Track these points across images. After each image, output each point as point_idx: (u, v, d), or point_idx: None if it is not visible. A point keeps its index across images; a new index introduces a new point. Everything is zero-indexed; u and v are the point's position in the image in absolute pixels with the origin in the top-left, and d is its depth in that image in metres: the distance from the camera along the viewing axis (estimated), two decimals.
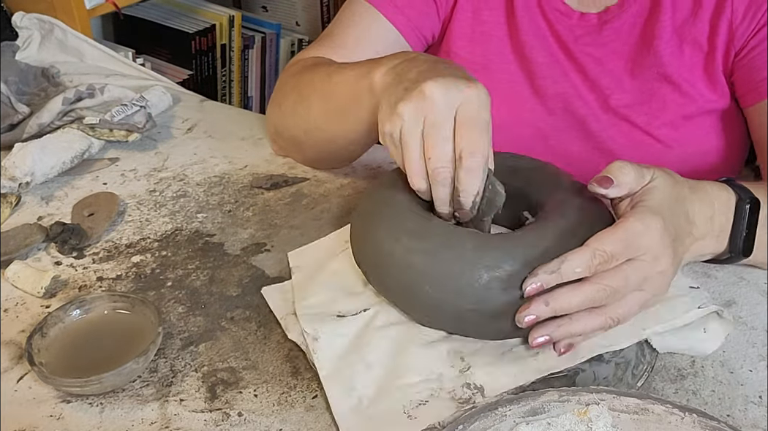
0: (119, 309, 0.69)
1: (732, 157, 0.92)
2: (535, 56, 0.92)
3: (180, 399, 0.64)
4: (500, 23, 0.93)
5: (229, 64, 2.00)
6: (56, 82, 1.10)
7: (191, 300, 0.75)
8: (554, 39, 0.91)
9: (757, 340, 0.69)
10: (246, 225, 0.85)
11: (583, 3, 0.89)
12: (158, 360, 0.67)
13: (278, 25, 2.08)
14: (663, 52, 0.86)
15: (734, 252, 0.71)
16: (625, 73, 0.89)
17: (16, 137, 0.95)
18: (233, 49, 1.99)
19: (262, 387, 0.65)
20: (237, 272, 0.78)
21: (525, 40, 0.92)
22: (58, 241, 0.80)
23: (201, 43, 1.91)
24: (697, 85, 0.87)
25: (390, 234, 0.64)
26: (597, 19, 0.89)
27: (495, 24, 0.93)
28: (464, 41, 0.95)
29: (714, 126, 0.89)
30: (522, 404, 0.57)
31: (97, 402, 0.64)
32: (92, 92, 1.01)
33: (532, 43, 0.91)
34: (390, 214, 0.66)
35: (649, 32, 0.87)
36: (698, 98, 0.87)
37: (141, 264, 0.79)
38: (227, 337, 0.70)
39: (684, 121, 0.88)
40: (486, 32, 0.93)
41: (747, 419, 0.62)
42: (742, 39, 0.83)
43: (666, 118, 0.88)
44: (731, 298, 0.74)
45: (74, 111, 0.99)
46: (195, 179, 0.94)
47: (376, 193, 0.71)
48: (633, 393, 0.58)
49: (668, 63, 0.86)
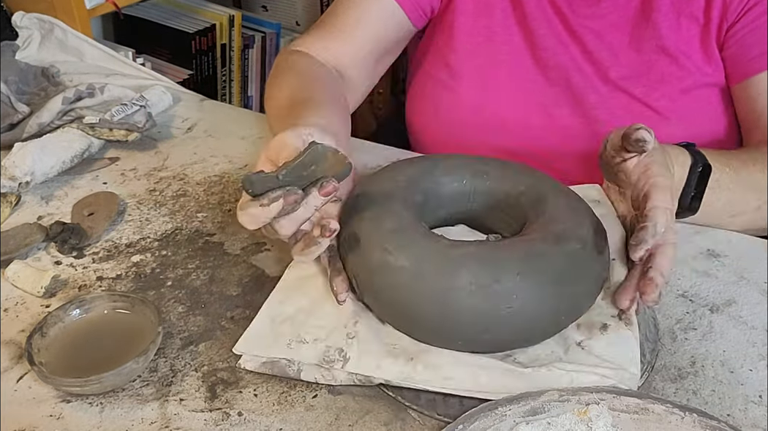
0: (119, 308, 0.69)
1: (731, 131, 0.93)
2: (536, 27, 0.93)
3: (180, 399, 0.64)
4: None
5: (229, 64, 2.00)
6: (56, 82, 1.10)
7: (191, 299, 0.75)
8: (554, 11, 0.93)
9: (757, 340, 0.69)
10: None
11: None
12: (158, 360, 0.67)
13: (278, 24, 2.08)
14: (661, 24, 0.88)
15: (682, 208, 0.76)
16: (623, 46, 0.91)
17: (16, 137, 0.95)
18: (233, 48, 1.99)
19: (262, 387, 0.65)
20: (237, 271, 0.78)
21: (527, 11, 0.93)
22: (57, 241, 0.80)
23: (201, 43, 1.91)
24: (693, 58, 0.88)
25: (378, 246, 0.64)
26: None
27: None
28: (467, 16, 0.97)
29: (712, 100, 0.91)
30: (522, 404, 0.57)
31: (97, 402, 0.64)
32: (92, 92, 1.01)
33: (534, 14, 0.93)
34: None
35: (647, 5, 0.89)
36: (695, 71, 0.89)
37: (141, 263, 0.79)
38: (227, 337, 0.70)
39: (682, 93, 0.89)
40: (489, 4, 0.95)
41: (747, 419, 0.62)
42: (735, 13, 0.86)
43: (664, 90, 0.89)
44: (731, 298, 0.74)
45: (74, 110, 0.99)
46: (195, 178, 0.94)
47: None
48: (633, 393, 0.58)
49: (666, 36, 0.88)
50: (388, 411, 0.63)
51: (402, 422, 0.62)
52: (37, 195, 0.90)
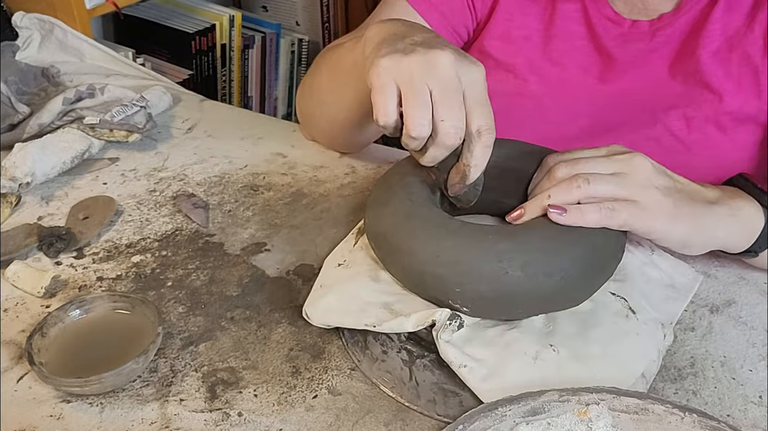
0: (119, 309, 0.69)
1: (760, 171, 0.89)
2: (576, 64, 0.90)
3: (180, 399, 0.64)
4: (539, 31, 0.91)
5: (229, 64, 2.00)
6: (56, 82, 1.10)
7: (191, 300, 0.75)
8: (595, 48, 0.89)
9: (757, 340, 0.69)
10: (246, 225, 0.85)
11: (635, 10, 0.87)
12: (158, 360, 0.67)
13: (278, 25, 2.08)
14: (707, 61, 0.84)
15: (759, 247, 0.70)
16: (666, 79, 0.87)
17: (16, 137, 0.95)
18: (233, 48, 1.99)
19: (262, 387, 0.65)
20: (237, 272, 0.78)
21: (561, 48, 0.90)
22: (44, 244, 0.80)
23: (201, 43, 1.91)
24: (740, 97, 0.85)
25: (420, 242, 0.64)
26: (649, 26, 0.86)
27: (533, 31, 0.91)
28: (500, 42, 0.93)
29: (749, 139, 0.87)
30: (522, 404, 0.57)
31: (97, 402, 0.64)
32: (92, 92, 1.01)
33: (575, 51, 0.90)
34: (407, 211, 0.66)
35: (693, 40, 0.85)
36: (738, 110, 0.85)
37: (141, 264, 0.80)
38: (227, 337, 0.70)
39: (716, 129, 0.86)
40: (524, 37, 0.92)
41: (747, 419, 0.62)
42: None
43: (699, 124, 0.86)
44: (731, 298, 0.74)
45: (74, 111, 0.99)
46: (195, 179, 0.94)
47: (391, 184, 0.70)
48: (633, 393, 0.58)
49: (711, 73, 0.85)
50: (388, 411, 0.63)
51: (402, 422, 0.62)
52: (37, 195, 0.90)
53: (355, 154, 0.97)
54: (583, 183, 0.64)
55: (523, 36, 0.92)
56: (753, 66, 0.84)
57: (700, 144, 0.87)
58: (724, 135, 0.87)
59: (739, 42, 0.84)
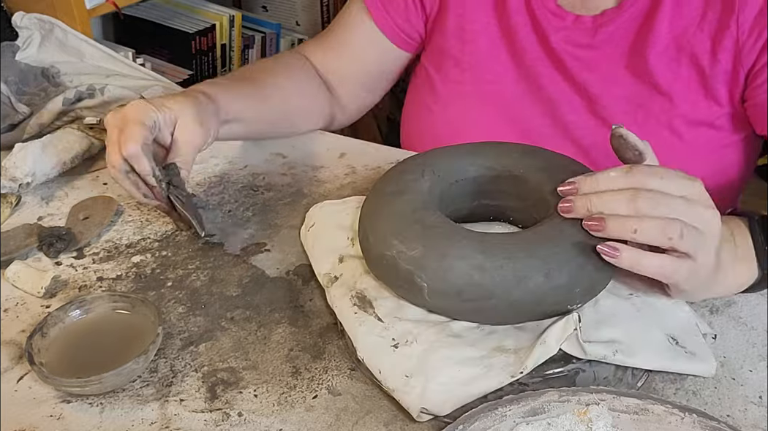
0: (119, 309, 0.69)
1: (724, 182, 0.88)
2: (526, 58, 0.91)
3: (180, 399, 0.64)
4: (491, 24, 0.92)
5: (229, 64, 2.00)
6: (56, 82, 1.10)
7: (191, 300, 0.75)
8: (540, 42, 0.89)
9: (757, 340, 0.69)
10: (246, 226, 0.85)
11: (576, 5, 0.87)
12: (158, 360, 0.68)
13: (278, 25, 2.08)
14: (655, 61, 0.84)
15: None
16: (614, 79, 0.86)
17: (16, 137, 0.95)
18: (233, 49, 1.99)
19: (262, 387, 0.65)
20: (237, 272, 0.78)
21: (516, 40, 0.91)
22: (44, 244, 0.80)
23: (201, 43, 1.91)
24: (689, 98, 0.84)
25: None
26: (592, 22, 0.86)
27: (485, 24, 0.92)
28: (455, 40, 0.94)
29: (704, 144, 0.86)
30: (522, 404, 0.57)
31: (97, 402, 0.64)
32: (92, 92, 1.02)
33: (522, 44, 0.90)
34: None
35: (641, 40, 0.84)
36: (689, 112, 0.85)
37: (141, 264, 0.80)
38: (227, 337, 0.70)
39: (671, 133, 0.86)
40: (477, 31, 0.93)
41: (747, 419, 0.62)
42: (750, 57, 0.81)
43: (652, 128, 0.85)
44: (731, 298, 0.73)
45: (74, 111, 0.99)
46: (195, 179, 0.93)
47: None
48: (633, 393, 0.58)
49: (660, 74, 0.84)
50: (388, 411, 0.63)
51: (402, 422, 0.62)
52: (37, 195, 0.90)
53: (355, 154, 0.97)
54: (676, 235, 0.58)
55: (475, 30, 0.93)
56: (700, 68, 0.83)
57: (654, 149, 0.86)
58: (680, 140, 0.86)
59: (687, 42, 0.83)
